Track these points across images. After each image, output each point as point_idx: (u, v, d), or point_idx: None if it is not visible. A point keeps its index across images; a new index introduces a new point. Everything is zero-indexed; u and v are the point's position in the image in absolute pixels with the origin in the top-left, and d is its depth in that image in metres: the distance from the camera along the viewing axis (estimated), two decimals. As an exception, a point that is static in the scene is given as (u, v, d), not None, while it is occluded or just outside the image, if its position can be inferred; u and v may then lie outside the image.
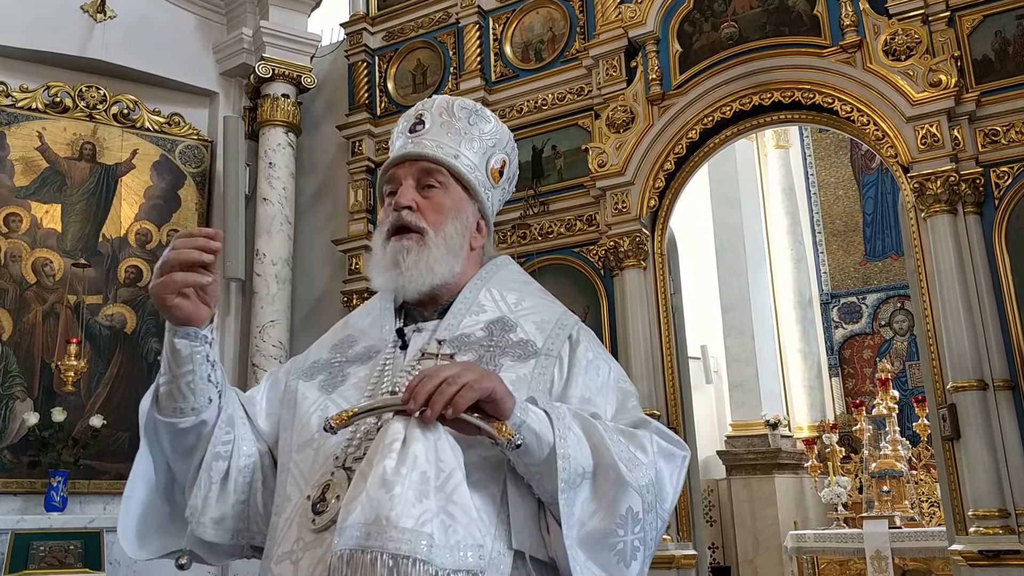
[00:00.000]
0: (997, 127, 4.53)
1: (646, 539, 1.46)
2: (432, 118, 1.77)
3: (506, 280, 1.78)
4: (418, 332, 1.68)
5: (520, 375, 1.56)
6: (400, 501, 1.26)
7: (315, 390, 1.66)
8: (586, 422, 1.48)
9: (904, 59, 4.71)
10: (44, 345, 5.89)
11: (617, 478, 1.43)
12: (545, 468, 1.41)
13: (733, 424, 9.08)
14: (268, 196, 6.47)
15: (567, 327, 1.68)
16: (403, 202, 1.69)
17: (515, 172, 1.91)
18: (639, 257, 5.24)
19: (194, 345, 1.49)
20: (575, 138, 5.76)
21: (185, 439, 1.57)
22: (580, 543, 1.41)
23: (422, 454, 1.32)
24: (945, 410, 4.36)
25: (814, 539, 7.41)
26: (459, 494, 1.32)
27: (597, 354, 1.68)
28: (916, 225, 4.66)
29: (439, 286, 1.69)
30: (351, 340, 1.75)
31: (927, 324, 4.56)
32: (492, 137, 1.81)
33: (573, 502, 1.41)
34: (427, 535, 1.26)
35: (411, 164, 1.73)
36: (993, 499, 4.15)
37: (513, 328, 1.65)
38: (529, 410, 1.42)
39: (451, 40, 6.43)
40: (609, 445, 1.45)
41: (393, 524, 1.25)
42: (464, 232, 1.73)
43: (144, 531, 1.63)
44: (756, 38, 5.18)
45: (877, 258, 9.54)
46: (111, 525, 5.55)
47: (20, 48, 6.16)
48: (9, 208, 5.98)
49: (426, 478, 1.30)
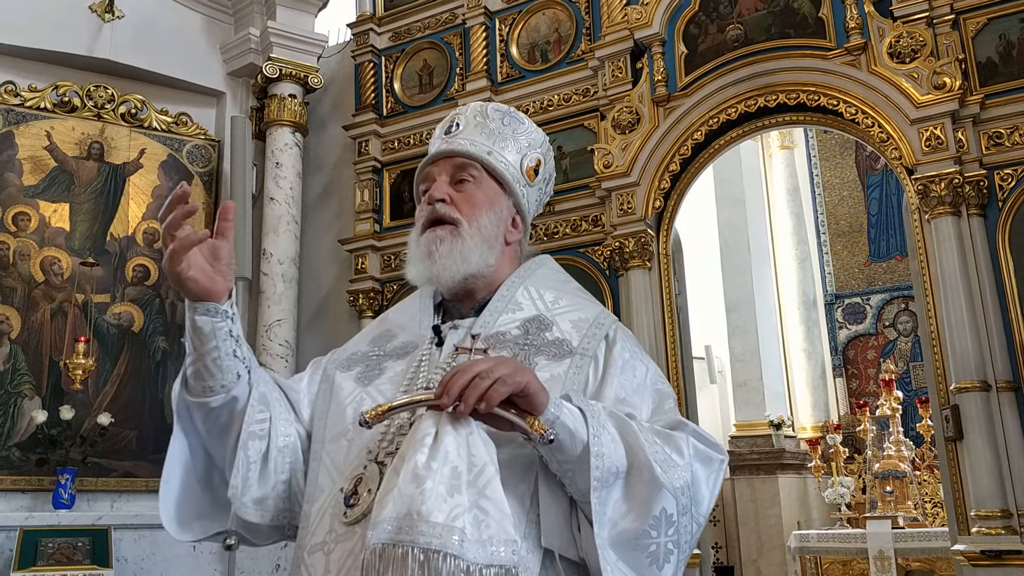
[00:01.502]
0: (1001, 129, 4.55)
1: (680, 542, 1.44)
2: (467, 120, 1.80)
3: (544, 278, 1.77)
4: (454, 329, 1.68)
5: (555, 374, 1.56)
6: (431, 495, 1.26)
7: (352, 381, 1.68)
8: (621, 421, 1.47)
9: (909, 62, 4.73)
10: (52, 343, 5.93)
11: (651, 479, 1.42)
12: (578, 465, 1.40)
13: (737, 424, 9.10)
14: (275, 196, 6.50)
15: (604, 326, 1.67)
16: (437, 195, 1.70)
17: (551, 174, 1.92)
18: (644, 258, 5.26)
19: (215, 321, 1.50)
20: (581, 139, 5.78)
21: (218, 418, 1.57)
22: (612, 543, 1.41)
23: (453, 449, 1.32)
24: (948, 411, 4.38)
25: (817, 539, 7.43)
26: (492, 489, 1.31)
27: (634, 354, 1.66)
28: (920, 227, 4.68)
29: (473, 276, 1.68)
30: (390, 335, 1.76)
31: (931, 325, 4.58)
32: (527, 137, 1.82)
33: (606, 501, 1.40)
34: (458, 530, 1.26)
35: (445, 161, 1.75)
36: (996, 499, 4.17)
37: (549, 327, 1.64)
38: (564, 406, 1.41)
39: (457, 41, 6.46)
40: (644, 445, 1.43)
41: (424, 518, 1.25)
42: (499, 224, 1.73)
43: (183, 514, 1.63)
44: (761, 40, 5.20)
45: (881, 259, 9.55)
46: (119, 522, 5.59)
47: (28, 48, 6.20)
48: (18, 207, 6.02)
49: (457, 473, 1.30)
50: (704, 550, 5.01)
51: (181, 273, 1.45)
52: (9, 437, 5.65)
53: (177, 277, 1.46)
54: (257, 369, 1.62)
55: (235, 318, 1.53)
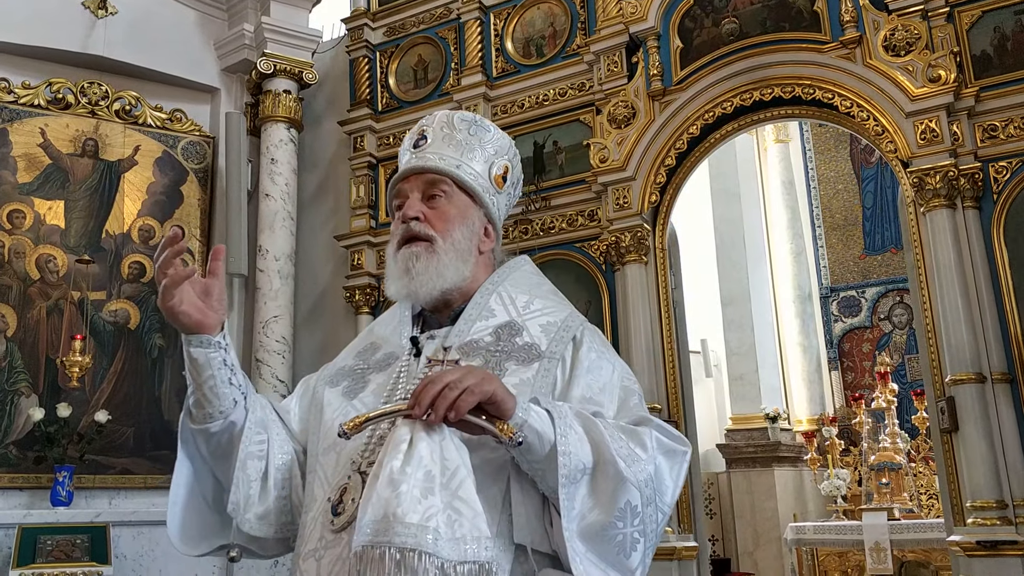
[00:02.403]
0: (996, 122, 4.56)
1: (646, 531, 1.53)
2: (434, 132, 1.85)
3: (518, 281, 1.84)
4: (431, 339, 1.75)
5: (523, 379, 1.63)
6: (406, 498, 1.34)
7: (339, 396, 1.76)
8: (587, 420, 1.54)
9: (904, 55, 4.74)
10: (49, 341, 5.91)
11: (616, 474, 1.50)
12: (547, 464, 1.48)
13: (733, 417, 9.12)
14: (270, 192, 6.49)
15: (572, 329, 1.73)
16: (410, 213, 1.76)
17: (519, 177, 1.98)
18: (640, 252, 5.27)
19: (209, 352, 1.60)
20: (576, 134, 5.79)
21: (219, 442, 1.68)
22: (580, 535, 1.48)
23: (427, 453, 1.39)
24: (944, 403, 4.40)
25: (813, 531, 7.46)
26: (464, 490, 1.39)
27: (601, 354, 1.73)
28: (915, 219, 4.69)
29: (449, 290, 1.76)
30: (375, 347, 1.83)
31: (926, 317, 4.60)
32: (493, 145, 1.88)
33: (574, 496, 1.48)
34: (432, 529, 1.33)
35: (416, 177, 1.81)
36: (991, 491, 4.19)
37: (519, 332, 1.71)
38: (531, 410, 1.48)
39: (452, 36, 6.45)
40: (609, 442, 1.51)
41: (399, 520, 1.33)
42: (471, 237, 1.80)
43: (189, 534, 1.75)
44: (756, 34, 5.21)
45: (876, 252, 9.57)
46: (117, 519, 5.59)
47: (22, 44, 6.17)
48: (12, 205, 6.00)
49: (431, 476, 1.38)
50: (701, 542, 5.02)
51: (174, 307, 1.56)
52: (6, 435, 5.64)
53: (170, 311, 1.56)
54: (254, 395, 1.73)
55: (228, 348, 1.64)
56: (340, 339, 5.98)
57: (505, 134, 1.95)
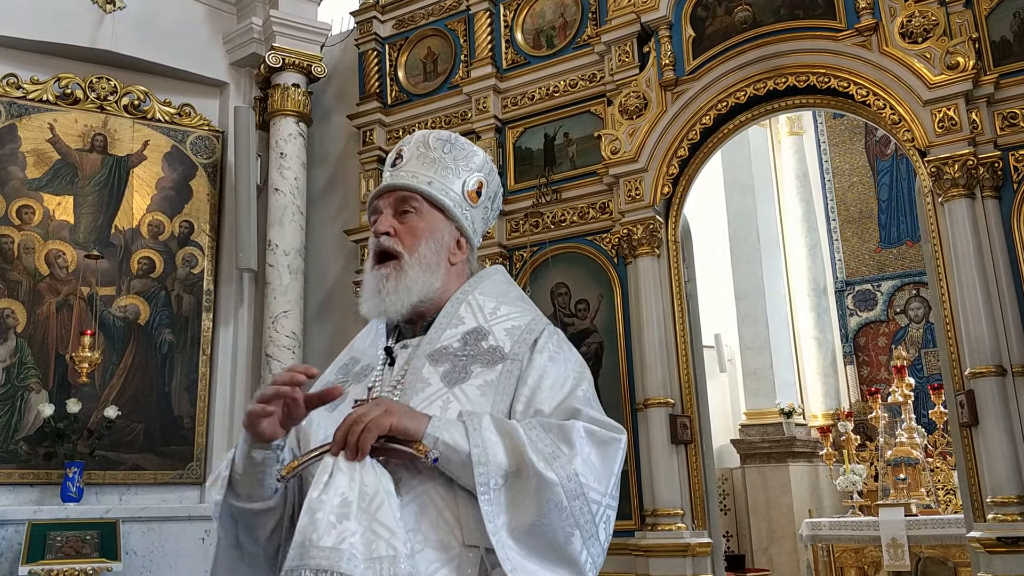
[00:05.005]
0: (1016, 110, 4.47)
1: (578, 522, 1.60)
2: (410, 152, 1.97)
3: (487, 290, 1.94)
4: (404, 348, 1.86)
5: (488, 380, 1.75)
6: (321, 524, 1.47)
7: (321, 411, 1.81)
8: (507, 427, 1.63)
9: (921, 42, 4.65)
10: (58, 337, 5.91)
11: (535, 474, 1.58)
12: (465, 473, 1.58)
13: (747, 412, 9.05)
14: (280, 186, 6.46)
15: (533, 332, 1.84)
16: (381, 229, 1.88)
17: (496, 191, 2.07)
18: (653, 245, 5.20)
19: (267, 453, 1.70)
20: (588, 125, 5.72)
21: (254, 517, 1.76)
22: (511, 536, 1.57)
23: (345, 482, 1.52)
24: (963, 396, 4.32)
25: (829, 527, 7.38)
26: (382, 513, 1.51)
27: (554, 354, 1.82)
28: (933, 210, 4.61)
29: (420, 303, 1.86)
30: (355, 361, 1.95)
31: (944, 309, 4.52)
32: (467, 162, 1.98)
33: (498, 500, 1.57)
34: (346, 551, 1.45)
35: (390, 194, 1.92)
36: (1012, 486, 4.10)
37: (486, 336, 1.82)
38: (445, 426, 1.60)
39: (462, 27, 6.40)
40: (527, 446, 1.60)
41: (314, 544, 1.45)
42: (439, 251, 1.90)
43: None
44: (770, 22, 5.13)
45: (892, 245, 9.47)
46: (127, 515, 5.59)
47: (30, 40, 6.17)
48: (21, 200, 6.00)
49: (347, 502, 1.50)
50: (715, 538, 4.96)
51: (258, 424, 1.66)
52: (16, 431, 5.65)
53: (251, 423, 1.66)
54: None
55: (283, 448, 1.74)
56: (350, 334, 5.92)
57: (481, 151, 2.04)
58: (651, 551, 4.77)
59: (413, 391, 1.74)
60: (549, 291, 5.46)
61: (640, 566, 4.81)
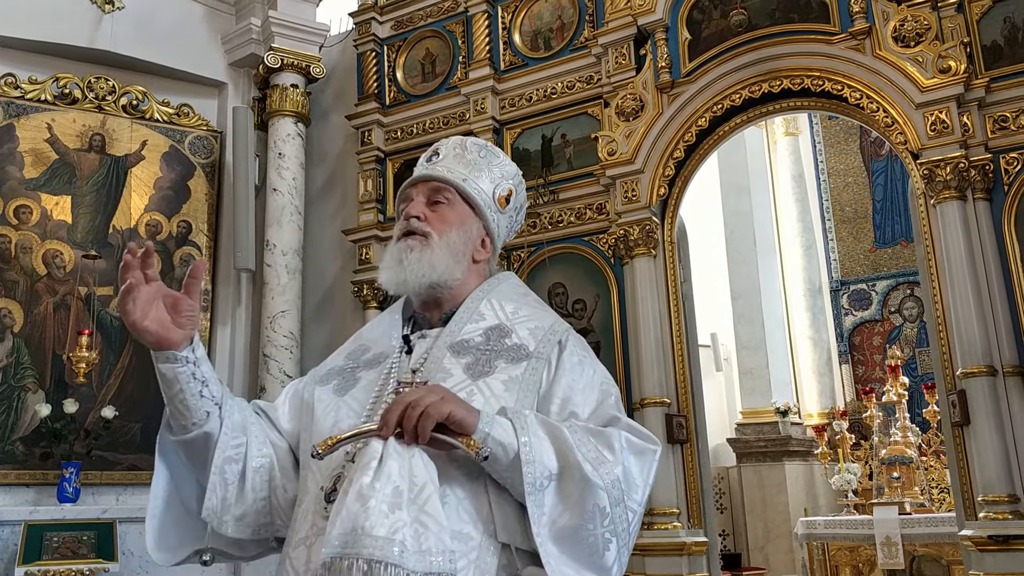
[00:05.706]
0: (1007, 113, 4.51)
1: (617, 530, 1.59)
2: (447, 150, 1.99)
3: (506, 292, 1.94)
4: (423, 338, 1.84)
5: (512, 376, 1.72)
6: (374, 512, 1.41)
7: (330, 393, 1.82)
8: (552, 428, 1.61)
9: (913, 45, 4.69)
10: (55, 337, 5.92)
11: (582, 478, 1.57)
12: (513, 473, 1.56)
13: (743, 412, 9.09)
14: (278, 186, 6.48)
15: (558, 333, 1.83)
16: (412, 212, 1.88)
17: (523, 204, 2.09)
18: (649, 245, 5.24)
19: (176, 367, 1.64)
20: (585, 126, 5.76)
21: (196, 451, 1.71)
22: (553, 539, 1.55)
23: (395, 471, 1.47)
24: (955, 396, 4.36)
25: (824, 525, 7.41)
26: (431, 505, 1.47)
27: (583, 358, 1.82)
28: (926, 211, 4.65)
29: (439, 285, 1.84)
30: (364, 348, 1.91)
31: (937, 310, 4.56)
32: (500, 169, 2.00)
33: (542, 503, 1.55)
34: (399, 542, 1.40)
35: (423, 184, 1.93)
36: (1003, 484, 4.15)
37: (509, 334, 1.81)
38: (496, 422, 1.57)
39: (460, 29, 6.42)
40: (574, 448, 1.58)
41: (367, 533, 1.40)
42: (467, 242, 1.90)
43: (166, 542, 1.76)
44: (765, 25, 5.16)
45: (886, 245, 9.52)
46: (124, 516, 5.58)
47: (29, 40, 6.17)
48: (19, 200, 6.01)
49: (399, 491, 1.45)
50: (711, 537, 5.00)
51: (136, 323, 1.60)
52: (13, 431, 5.65)
53: (132, 327, 1.61)
54: (231, 401, 1.76)
55: (198, 362, 1.67)
56: (348, 334, 5.92)
57: (513, 163, 2.06)
58: (647, 550, 4.80)
59: (434, 380, 1.70)
60: (546, 291, 5.48)
61: (636, 565, 4.84)
